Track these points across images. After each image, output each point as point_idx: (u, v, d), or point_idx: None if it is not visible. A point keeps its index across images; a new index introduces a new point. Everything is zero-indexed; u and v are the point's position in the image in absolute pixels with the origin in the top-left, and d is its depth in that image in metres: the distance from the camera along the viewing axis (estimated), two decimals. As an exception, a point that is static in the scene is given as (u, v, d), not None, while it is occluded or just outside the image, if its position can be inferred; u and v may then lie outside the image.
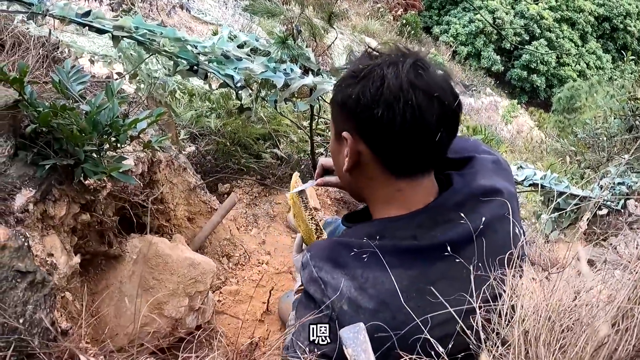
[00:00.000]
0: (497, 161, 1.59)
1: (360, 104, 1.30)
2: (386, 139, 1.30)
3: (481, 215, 1.37)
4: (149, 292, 2.39)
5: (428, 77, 1.28)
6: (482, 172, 1.50)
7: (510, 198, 1.48)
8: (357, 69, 1.34)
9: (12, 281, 1.18)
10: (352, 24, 18.68)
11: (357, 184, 1.48)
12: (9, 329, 1.12)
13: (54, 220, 1.69)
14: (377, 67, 1.30)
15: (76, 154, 1.61)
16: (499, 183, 1.48)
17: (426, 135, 1.29)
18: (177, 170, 2.97)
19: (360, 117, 1.32)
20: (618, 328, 1.14)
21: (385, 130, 1.28)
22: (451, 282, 1.30)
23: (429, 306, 1.26)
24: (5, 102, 1.64)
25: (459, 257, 1.30)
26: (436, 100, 1.27)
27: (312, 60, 3.24)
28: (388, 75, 1.27)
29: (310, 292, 1.34)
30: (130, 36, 2.75)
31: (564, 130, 15.91)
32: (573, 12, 26.73)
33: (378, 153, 1.35)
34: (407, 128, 1.26)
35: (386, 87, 1.26)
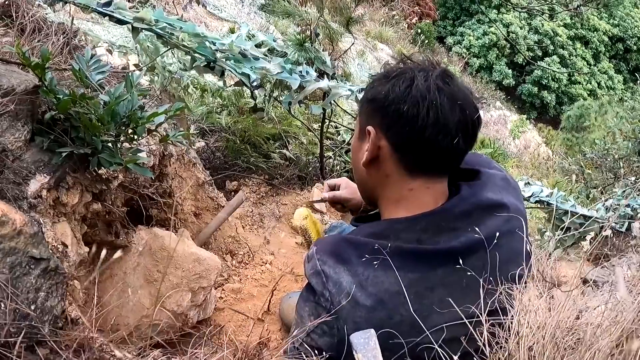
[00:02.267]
0: (505, 178, 1.62)
1: (388, 99, 1.37)
2: (407, 134, 1.36)
3: (486, 227, 1.39)
4: (152, 285, 2.40)
5: (454, 86, 1.37)
6: (490, 186, 1.52)
7: (518, 215, 1.49)
8: (389, 70, 1.44)
9: (25, 267, 1.19)
10: (366, 29, 18.70)
11: (371, 180, 1.51)
12: (20, 314, 1.12)
13: (66, 207, 1.70)
14: (408, 70, 1.39)
15: (93, 143, 1.62)
16: (507, 199, 1.50)
17: (445, 136, 1.34)
18: (187, 165, 2.98)
19: (387, 111, 1.38)
20: (622, 349, 1.14)
21: (407, 125, 1.34)
22: (450, 290, 1.32)
23: (426, 310, 1.28)
24: (25, 86, 1.65)
25: (459, 265, 1.31)
26: (458, 107, 1.34)
27: (328, 64, 3.26)
28: (418, 77, 1.36)
29: (312, 284, 1.36)
30: (150, 29, 2.76)
31: (572, 148, 15.89)
32: (587, 31, 26.68)
33: (397, 149, 1.40)
34: (428, 125, 1.32)
35: (415, 87, 1.34)
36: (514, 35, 24.74)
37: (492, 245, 1.36)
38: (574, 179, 7.10)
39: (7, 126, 1.56)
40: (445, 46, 25.82)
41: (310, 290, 1.37)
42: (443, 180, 1.46)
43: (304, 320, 1.36)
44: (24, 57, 1.56)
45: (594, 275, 3.26)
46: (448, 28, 26.69)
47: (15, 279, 1.15)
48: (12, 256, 1.16)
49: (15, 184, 1.52)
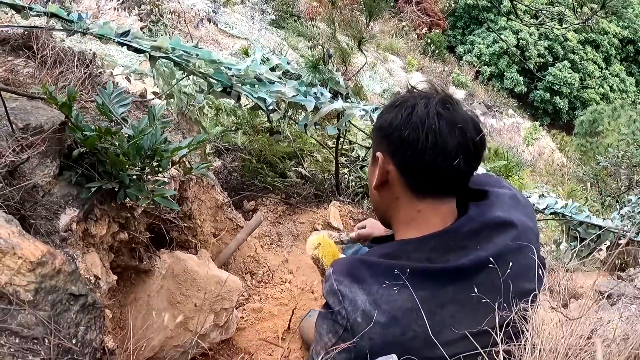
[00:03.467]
0: (515, 196, 1.66)
1: (392, 126, 1.46)
2: (410, 158, 1.44)
3: (495, 245, 1.44)
4: (175, 307, 2.45)
5: (454, 111, 1.44)
6: (498, 205, 1.56)
7: (527, 232, 1.54)
8: (395, 99, 1.53)
9: (66, 304, 1.25)
10: (377, 41, 18.75)
11: (383, 203, 1.59)
12: (63, 349, 1.18)
13: (95, 238, 1.76)
14: (411, 98, 1.48)
15: (120, 177, 1.68)
16: (516, 216, 1.54)
17: (444, 158, 1.40)
18: (206, 187, 3.03)
19: (391, 137, 1.46)
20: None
21: (409, 150, 1.42)
22: (461, 307, 1.37)
23: (437, 326, 1.33)
24: (52, 123, 1.72)
25: (469, 282, 1.38)
26: (458, 130, 1.41)
27: (342, 85, 3.31)
28: (419, 104, 1.44)
29: (329, 303, 1.43)
30: (167, 57, 2.83)
31: (586, 154, 15.82)
32: (597, 35, 26.56)
33: (403, 172, 1.48)
34: (427, 148, 1.39)
35: (415, 113, 1.43)
36: (524, 42, 24.70)
37: (501, 262, 1.40)
38: (589, 187, 7.10)
39: (37, 163, 1.63)
40: (455, 55, 25.81)
41: (327, 309, 1.43)
42: (450, 200, 1.52)
43: (322, 337, 1.43)
44: (51, 96, 1.62)
45: (609, 288, 3.28)
46: (458, 37, 26.69)
47: (57, 315, 1.21)
48: (53, 294, 1.23)
49: (47, 219, 1.58)
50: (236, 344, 2.79)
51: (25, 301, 1.17)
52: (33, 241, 1.25)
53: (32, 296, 1.19)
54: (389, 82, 17.17)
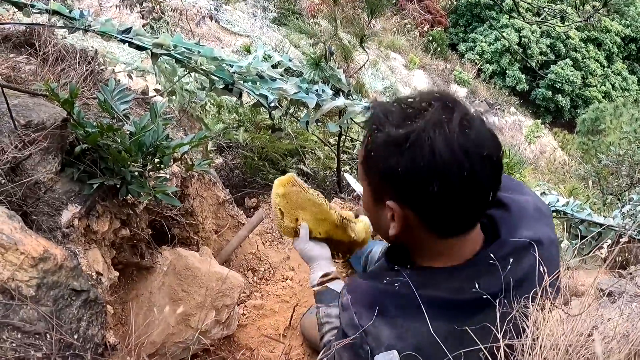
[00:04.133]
0: (538, 208, 1.59)
1: (412, 179, 1.26)
2: (438, 207, 1.29)
3: (523, 267, 1.39)
4: (177, 304, 2.46)
5: (476, 136, 1.26)
6: (525, 221, 1.49)
7: (550, 246, 1.49)
8: (398, 136, 1.27)
9: (67, 299, 1.26)
10: (379, 39, 18.74)
11: (401, 241, 1.47)
12: (64, 344, 1.19)
13: (97, 235, 1.77)
14: (422, 133, 1.24)
15: (122, 174, 1.68)
16: (542, 232, 1.48)
17: (479, 196, 1.29)
18: (207, 184, 3.04)
19: (411, 189, 1.28)
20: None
21: (437, 199, 1.26)
22: (486, 333, 1.31)
23: (465, 357, 1.28)
24: (54, 120, 1.72)
25: (497, 307, 1.31)
26: (487, 161, 1.26)
27: (343, 82, 3.31)
28: (437, 142, 1.22)
29: (349, 335, 1.38)
30: (169, 54, 2.83)
31: (588, 152, 15.81)
32: (599, 33, 26.52)
33: (427, 220, 1.34)
34: (462, 197, 1.26)
35: (439, 158, 1.22)
36: (526, 40, 24.67)
37: (527, 284, 1.37)
38: (590, 185, 7.09)
39: (39, 160, 1.64)
40: (457, 53, 25.79)
41: (348, 342, 1.39)
42: (477, 225, 1.42)
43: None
44: (53, 93, 1.63)
45: (610, 285, 3.28)
46: (460, 35, 26.66)
47: (58, 311, 1.22)
48: (55, 289, 1.23)
49: (49, 215, 1.58)
50: (237, 340, 2.80)
51: (28, 296, 1.18)
52: (35, 237, 1.26)
53: (34, 292, 1.20)
54: (390, 79, 17.16)
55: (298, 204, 2.03)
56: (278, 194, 2.00)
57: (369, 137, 1.35)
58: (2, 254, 1.17)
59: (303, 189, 2.04)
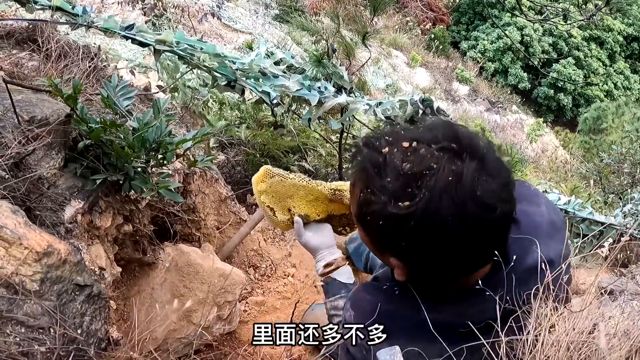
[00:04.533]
0: (552, 223, 1.53)
1: (417, 252, 1.21)
2: (446, 270, 1.26)
3: (529, 288, 1.35)
4: (179, 300, 2.46)
5: (489, 192, 1.17)
6: (537, 237, 1.42)
7: (562, 262, 1.43)
8: (399, 214, 1.16)
9: (71, 294, 1.26)
10: (381, 36, 18.72)
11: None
12: (68, 339, 1.20)
13: (99, 230, 1.77)
14: (429, 207, 1.14)
15: (125, 170, 1.69)
16: (553, 250, 1.44)
17: (489, 254, 1.24)
18: (210, 181, 3.04)
19: (417, 259, 1.24)
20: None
21: (447, 266, 1.24)
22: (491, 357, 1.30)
23: None
24: (58, 116, 1.72)
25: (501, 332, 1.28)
26: (501, 220, 1.20)
27: (346, 79, 3.31)
28: (446, 216, 1.13)
29: (351, 352, 1.38)
30: (172, 50, 2.84)
31: (590, 151, 15.78)
32: (602, 32, 26.46)
33: (433, 275, 1.32)
34: (471, 259, 1.23)
35: (447, 232, 1.15)
36: (528, 38, 24.63)
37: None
38: (592, 183, 7.09)
39: (43, 155, 1.64)
40: (459, 51, 25.72)
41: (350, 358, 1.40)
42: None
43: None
44: (57, 89, 1.63)
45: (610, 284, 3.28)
46: (462, 33, 26.59)
47: (62, 305, 1.22)
48: (58, 284, 1.24)
49: (52, 210, 1.59)
50: (239, 336, 2.80)
51: (31, 291, 1.18)
52: (39, 232, 1.26)
53: (37, 286, 1.20)
54: (392, 77, 17.15)
55: (283, 193, 1.94)
56: (260, 191, 1.94)
57: (361, 194, 1.24)
58: (6, 248, 1.17)
59: (282, 177, 1.95)
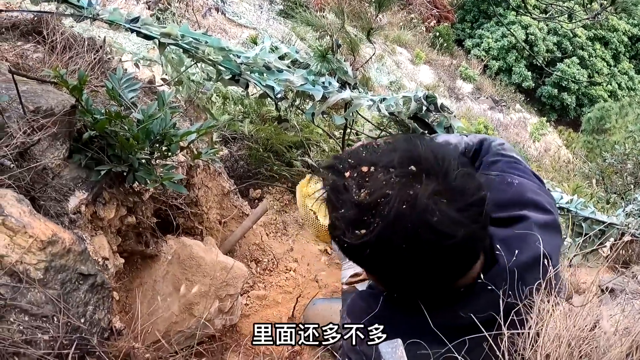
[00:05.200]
0: (545, 224, 1.52)
1: (378, 273, 1.30)
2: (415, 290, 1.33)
3: (526, 284, 1.36)
4: (185, 285, 2.47)
5: (447, 217, 1.16)
6: (529, 239, 1.44)
7: (557, 258, 1.48)
8: (354, 244, 1.19)
9: (75, 283, 1.27)
10: (385, 33, 18.70)
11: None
12: (71, 327, 1.20)
13: (103, 222, 1.78)
14: (381, 237, 1.16)
15: (129, 161, 1.69)
16: (547, 246, 1.43)
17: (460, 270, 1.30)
18: (213, 174, 3.05)
19: (384, 280, 1.33)
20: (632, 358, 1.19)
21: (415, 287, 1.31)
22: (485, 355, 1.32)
23: None
24: (63, 107, 1.73)
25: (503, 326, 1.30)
26: (467, 241, 1.21)
27: (350, 75, 3.31)
28: (398, 246, 1.15)
29: (351, 358, 1.41)
30: (177, 43, 2.84)
31: (593, 151, 15.77)
32: (606, 31, 26.40)
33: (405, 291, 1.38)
34: (437, 279, 1.27)
35: (400, 261, 1.18)
36: (532, 37, 24.58)
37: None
38: (594, 183, 7.09)
39: (47, 146, 1.65)
40: (464, 49, 25.69)
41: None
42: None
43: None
44: (62, 80, 1.63)
45: (611, 283, 3.28)
46: (466, 31, 26.55)
47: (66, 294, 1.23)
48: (62, 273, 1.25)
49: (57, 200, 1.60)
50: (240, 330, 2.81)
51: (35, 279, 1.19)
52: (44, 221, 1.27)
53: (42, 275, 1.21)
54: (396, 74, 17.14)
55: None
56: (305, 195, 2.00)
57: (329, 217, 1.30)
58: (11, 237, 1.18)
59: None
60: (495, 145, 1.88)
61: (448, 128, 3.23)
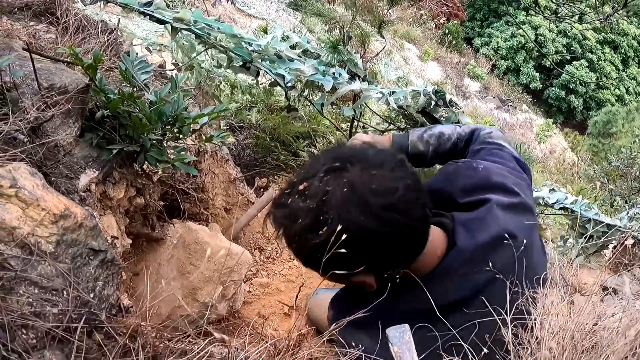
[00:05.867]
0: (510, 205, 1.56)
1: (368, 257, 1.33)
2: (408, 251, 1.38)
3: (499, 260, 1.42)
4: (185, 277, 2.48)
5: (390, 184, 1.30)
6: (491, 218, 1.50)
7: (529, 234, 1.51)
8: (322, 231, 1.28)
9: (85, 258, 1.28)
10: (394, 28, 18.69)
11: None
12: (81, 302, 1.21)
13: (112, 201, 1.79)
14: (342, 219, 1.26)
15: (141, 141, 1.70)
16: (509, 226, 1.49)
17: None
18: (220, 161, 3.06)
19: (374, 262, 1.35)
20: (635, 351, 1.20)
21: (408, 248, 1.37)
22: (463, 333, 1.35)
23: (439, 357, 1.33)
24: (77, 85, 1.74)
25: (471, 308, 1.38)
26: (411, 190, 1.31)
27: (360, 67, 3.32)
28: (366, 222, 1.26)
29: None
30: (189, 29, 2.84)
31: (598, 154, 15.76)
32: (617, 35, 26.34)
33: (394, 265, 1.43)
34: (421, 233, 1.38)
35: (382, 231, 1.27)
36: (542, 38, 24.52)
37: (499, 279, 1.40)
38: (599, 186, 7.09)
39: (60, 123, 1.65)
40: (472, 47, 25.67)
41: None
42: (431, 233, 1.43)
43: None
44: (77, 57, 1.64)
45: (613, 283, 3.29)
46: (476, 29, 26.51)
47: (76, 268, 1.24)
48: (73, 247, 1.25)
49: (68, 178, 1.61)
50: (242, 316, 2.82)
51: (47, 252, 1.20)
52: (56, 195, 1.28)
53: (53, 248, 1.22)
54: (404, 70, 17.12)
55: None
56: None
57: (295, 247, 1.41)
58: (24, 209, 1.19)
59: None
60: (483, 134, 1.96)
61: (456, 123, 3.24)
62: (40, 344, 1.18)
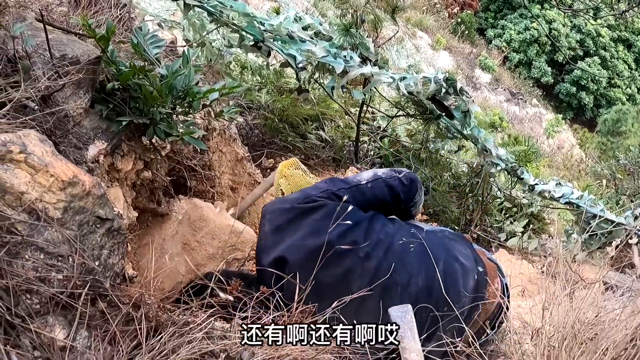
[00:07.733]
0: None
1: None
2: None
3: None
4: (189, 253, 2.49)
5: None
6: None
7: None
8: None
9: (92, 226, 1.29)
10: (407, 16, 18.58)
11: None
12: (86, 269, 1.22)
13: (120, 173, 1.80)
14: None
15: (151, 114, 1.70)
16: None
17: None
18: (228, 140, 3.06)
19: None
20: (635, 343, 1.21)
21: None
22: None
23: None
24: (88, 56, 1.74)
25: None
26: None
27: (372, 51, 3.31)
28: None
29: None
30: (202, 6, 2.84)
31: (606, 152, 15.69)
32: (631, 34, 26.10)
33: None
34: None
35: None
36: (556, 32, 24.32)
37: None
38: (605, 183, 7.06)
39: (71, 93, 1.66)
40: (485, 38, 25.47)
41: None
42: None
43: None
44: (90, 29, 1.64)
45: (614, 279, 3.30)
46: (489, 20, 26.29)
47: (82, 236, 1.25)
48: (81, 215, 1.26)
49: (76, 148, 1.61)
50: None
51: (54, 218, 1.21)
52: (65, 162, 1.29)
53: (60, 214, 1.22)
54: (415, 58, 17.04)
55: (298, 185, 2.32)
56: (282, 175, 2.35)
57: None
58: (32, 175, 1.20)
59: (305, 173, 2.38)
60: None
61: (466, 112, 3.23)
62: (43, 310, 1.19)
